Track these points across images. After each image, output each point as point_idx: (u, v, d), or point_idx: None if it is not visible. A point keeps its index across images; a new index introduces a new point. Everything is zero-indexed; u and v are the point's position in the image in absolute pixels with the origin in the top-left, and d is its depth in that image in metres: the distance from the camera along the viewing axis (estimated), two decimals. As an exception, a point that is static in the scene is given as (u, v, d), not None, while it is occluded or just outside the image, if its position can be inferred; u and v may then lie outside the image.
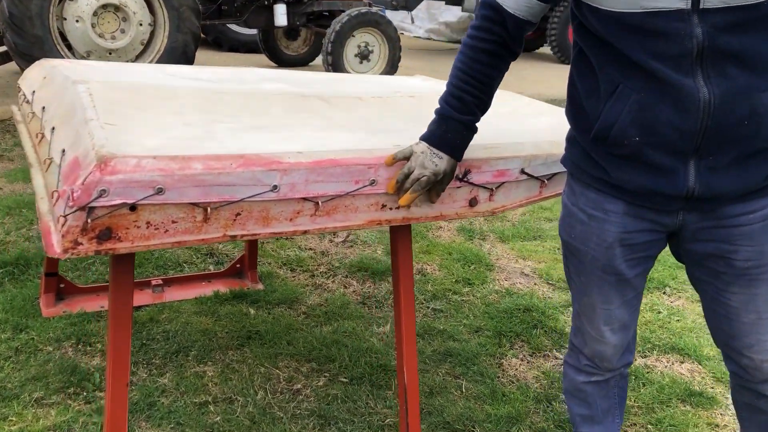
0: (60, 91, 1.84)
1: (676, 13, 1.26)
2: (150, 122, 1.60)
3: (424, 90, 2.53)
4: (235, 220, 1.42)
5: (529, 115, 2.19)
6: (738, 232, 1.41)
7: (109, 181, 1.25)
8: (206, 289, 2.93)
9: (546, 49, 13.38)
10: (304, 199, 1.48)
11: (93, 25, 6.10)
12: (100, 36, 6.15)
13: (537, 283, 3.27)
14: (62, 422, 2.03)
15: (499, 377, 2.45)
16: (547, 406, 2.30)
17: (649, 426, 2.22)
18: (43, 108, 1.85)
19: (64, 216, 1.25)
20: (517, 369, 2.52)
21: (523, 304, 2.96)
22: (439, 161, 1.56)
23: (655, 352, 2.66)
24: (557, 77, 10.26)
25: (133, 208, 1.30)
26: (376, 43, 7.78)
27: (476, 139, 1.62)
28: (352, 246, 3.56)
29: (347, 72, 7.56)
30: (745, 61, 1.27)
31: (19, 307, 2.62)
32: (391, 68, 7.94)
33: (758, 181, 1.38)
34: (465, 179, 1.68)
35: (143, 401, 2.15)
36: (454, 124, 1.56)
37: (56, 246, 1.27)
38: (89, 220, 1.26)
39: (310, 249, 3.47)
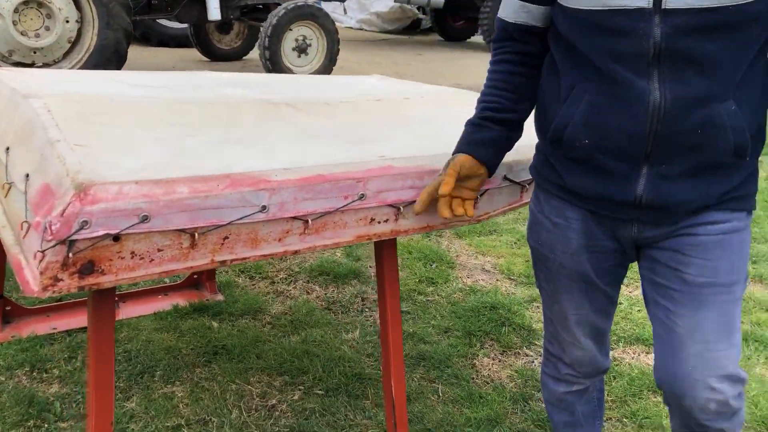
0: (9, 106, 1.70)
1: (637, 12, 1.23)
2: (120, 140, 1.49)
3: (387, 92, 2.48)
4: (222, 244, 1.34)
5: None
6: (692, 241, 1.35)
7: (90, 212, 1.15)
8: (164, 303, 2.80)
9: (479, 38, 13.52)
10: (293, 218, 1.41)
11: (14, 23, 5.75)
12: (23, 34, 5.81)
13: (499, 279, 3.28)
14: (25, 459, 1.90)
15: (473, 378, 2.44)
16: (525, 406, 2.31)
17: (624, 419, 2.26)
18: (-10, 124, 1.71)
19: (42, 251, 1.14)
20: (490, 369, 2.52)
21: (488, 302, 2.96)
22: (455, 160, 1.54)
23: (621, 344, 2.71)
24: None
25: (116, 238, 1.20)
26: (314, 36, 7.65)
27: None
28: (310, 249, 3.48)
29: (286, 66, 7.41)
30: (705, 68, 1.23)
31: (-38, 334, 2.44)
32: (330, 62, 7.83)
33: (716, 196, 1.33)
34: (450, 188, 1.64)
35: (111, 429, 2.03)
36: (466, 128, 1.56)
37: (33, 284, 1.16)
38: (70, 255, 1.15)
39: (268, 254, 3.37)
